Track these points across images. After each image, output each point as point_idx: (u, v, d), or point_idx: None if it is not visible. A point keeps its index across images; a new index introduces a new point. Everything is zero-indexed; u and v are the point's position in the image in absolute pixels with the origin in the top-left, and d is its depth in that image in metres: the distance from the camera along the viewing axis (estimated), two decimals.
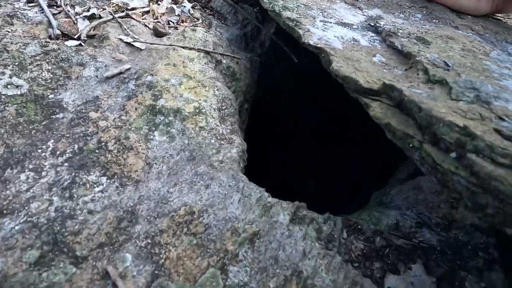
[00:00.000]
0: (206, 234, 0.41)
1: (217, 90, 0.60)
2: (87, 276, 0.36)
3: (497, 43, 0.63)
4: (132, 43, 0.62)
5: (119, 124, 0.50)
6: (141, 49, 0.62)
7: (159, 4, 0.76)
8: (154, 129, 0.50)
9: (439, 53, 0.50)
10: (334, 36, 0.51)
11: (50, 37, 0.58)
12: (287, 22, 0.58)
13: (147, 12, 0.74)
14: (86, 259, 0.37)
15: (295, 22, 0.56)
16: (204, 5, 0.86)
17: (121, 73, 0.56)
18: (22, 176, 0.42)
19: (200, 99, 0.56)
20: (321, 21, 0.57)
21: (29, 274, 0.35)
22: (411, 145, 0.39)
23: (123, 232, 0.40)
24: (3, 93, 0.48)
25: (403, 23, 0.64)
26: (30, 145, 0.45)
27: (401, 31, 0.57)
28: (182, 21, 0.74)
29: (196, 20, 0.76)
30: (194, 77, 0.59)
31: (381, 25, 0.59)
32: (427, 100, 0.39)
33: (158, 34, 0.68)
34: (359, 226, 0.49)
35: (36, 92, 0.50)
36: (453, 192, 0.35)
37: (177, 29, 0.72)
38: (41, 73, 0.52)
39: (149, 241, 0.40)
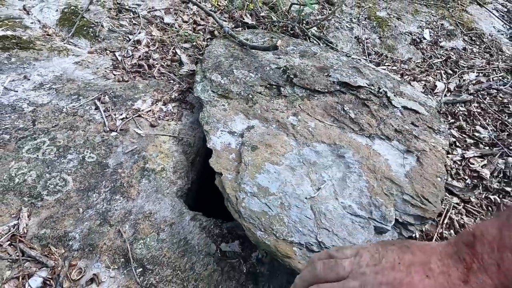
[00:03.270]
0: (154, 220, 1.13)
1: (174, 158, 1.32)
2: None
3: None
4: (138, 132, 1.36)
5: (128, 174, 1.23)
6: (142, 136, 1.36)
7: (156, 105, 1.50)
8: (142, 177, 1.24)
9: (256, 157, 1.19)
10: (220, 142, 1.22)
11: (105, 131, 1.34)
12: (205, 129, 1.29)
13: (150, 110, 1.48)
14: None
15: (206, 132, 1.26)
16: (182, 100, 1.59)
17: (133, 150, 1.30)
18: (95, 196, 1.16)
19: (164, 163, 1.29)
20: (221, 131, 1.27)
21: None
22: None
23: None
24: (86, 160, 1.24)
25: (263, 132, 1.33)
26: (95, 182, 1.19)
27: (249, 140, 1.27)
28: (166, 116, 1.48)
29: (173, 114, 1.49)
30: (164, 152, 1.32)
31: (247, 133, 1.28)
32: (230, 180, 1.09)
33: (152, 125, 1.41)
34: (219, 224, 1.18)
35: (98, 159, 1.25)
36: None
37: (164, 120, 1.45)
38: (100, 151, 1.27)
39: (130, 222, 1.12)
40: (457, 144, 1.65)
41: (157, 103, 1.51)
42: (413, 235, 1.12)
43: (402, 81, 1.77)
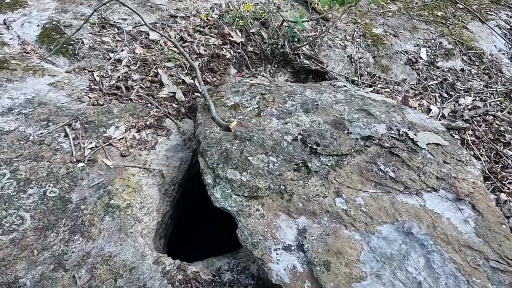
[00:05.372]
0: (113, 264, 1.07)
1: (142, 192, 1.26)
2: None
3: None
4: (107, 163, 1.30)
5: (91, 211, 1.17)
6: (111, 167, 1.30)
7: (130, 132, 1.44)
8: (106, 214, 1.17)
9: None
10: (283, 269, 1.14)
11: (71, 161, 1.28)
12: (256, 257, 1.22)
13: (122, 138, 1.42)
14: None
15: (261, 260, 1.01)
16: (158, 126, 1.53)
17: (99, 183, 1.24)
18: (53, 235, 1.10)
19: (131, 199, 1.23)
20: (274, 250, 1.20)
21: None
22: None
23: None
24: (48, 195, 1.18)
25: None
26: (55, 220, 1.13)
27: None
28: (139, 144, 1.41)
29: (147, 142, 1.43)
30: (131, 186, 1.26)
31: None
32: None
33: (123, 155, 1.35)
34: (184, 268, 1.12)
35: (61, 194, 1.19)
36: None
37: (136, 149, 1.39)
38: (64, 185, 1.21)
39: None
40: None
41: (131, 129, 1.45)
42: None
43: (400, 105, 1.70)
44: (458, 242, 1.11)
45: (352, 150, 1.34)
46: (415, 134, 1.44)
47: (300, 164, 1.28)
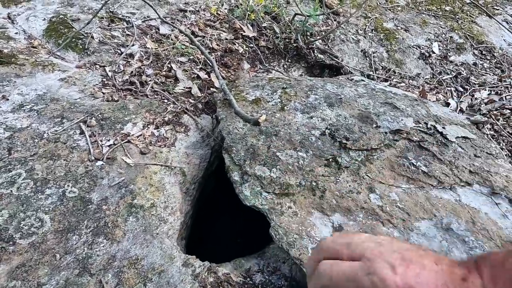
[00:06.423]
0: (140, 267, 1.01)
1: (166, 191, 1.20)
2: None
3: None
4: (127, 161, 1.23)
5: (114, 212, 1.11)
6: (131, 166, 1.23)
7: (148, 129, 1.38)
8: (129, 215, 1.11)
9: None
10: None
11: (89, 160, 1.21)
12: (293, 257, 1.16)
13: (140, 135, 1.35)
14: None
15: (299, 260, 0.99)
16: (176, 122, 1.47)
17: (119, 182, 1.17)
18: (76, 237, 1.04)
19: (154, 198, 1.16)
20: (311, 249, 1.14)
21: None
22: None
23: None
24: (67, 195, 1.11)
25: None
26: (76, 222, 1.07)
27: None
28: (158, 141, 1.35)
29: (166, 139, 1.37)
30: (154, 185, 1.19)
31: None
32: None
33: (143, 153, 1.29)
34: (215, 270, 1.06)
35: (81, 194, 1.12)
36: None
37: (156, 146, 1.33)
38: (83, 184, 1.14)
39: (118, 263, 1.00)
40: None
41: (148, 126, 1.38)
42: None
43: (421, 99, 1.66)
44: (500, 238, 1.06)
45: (382, 145, 1.30)
46: (443, 128, 1.40)
47: (330, 160, 1.23)
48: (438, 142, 1.34)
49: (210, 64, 1.56)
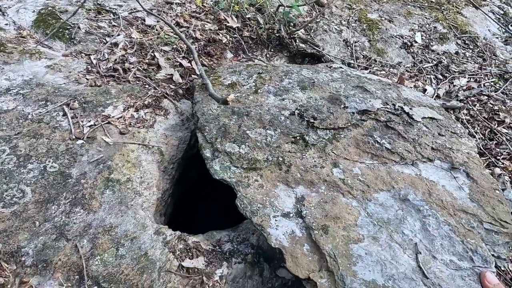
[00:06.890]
0: (114, 234, 1.08)
1: (142, 167, 1.27)
2: None
3: None
4: (106, 140, 1.31)
5: (92, 185, 1.18)
6: (110, 144, 1.31)
7: (128, 111, 1.45)
8: (106, 188, 1.18)
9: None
10: (283, 234, 1.16)
11: (70, 139, 1.29)
12: (256, 223, 1.23)
13: (121, 117, 1.42)
14: None
15: (260, 226, 1.02)
16: (156, 106, 1.54)
17: (98, 159, 1.25)
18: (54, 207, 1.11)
19: (131, 173, 1.24)
20: (273, 217, 1.22)
21: None
22: None
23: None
24: (48, 170, 1.19)
25: None
26: (55, 193, 1.14)
27: None
28: (137, 122, 1.42)
29: (145, 121, 1.44)
30: (131, 161, 1.27)
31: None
32: None
33: (122, 133, 1.36)
34: (185, 238, 1.13)
35: (61, 169, 1.20)
36: None
37: (134, 127, 1.40)
38: (64, 160, 1.22)
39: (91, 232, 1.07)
40: None
41: (129, 109, 1.46)
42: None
43: (395, 84, 1.72)
44: (453, 207, 1.13)
45: (349, 124, 1.36)
46: (410, 109, 1.46)
47: (298, 137, 1.30)
48: (404, 122, 1.41)
49: (191, 52, 1.63)
